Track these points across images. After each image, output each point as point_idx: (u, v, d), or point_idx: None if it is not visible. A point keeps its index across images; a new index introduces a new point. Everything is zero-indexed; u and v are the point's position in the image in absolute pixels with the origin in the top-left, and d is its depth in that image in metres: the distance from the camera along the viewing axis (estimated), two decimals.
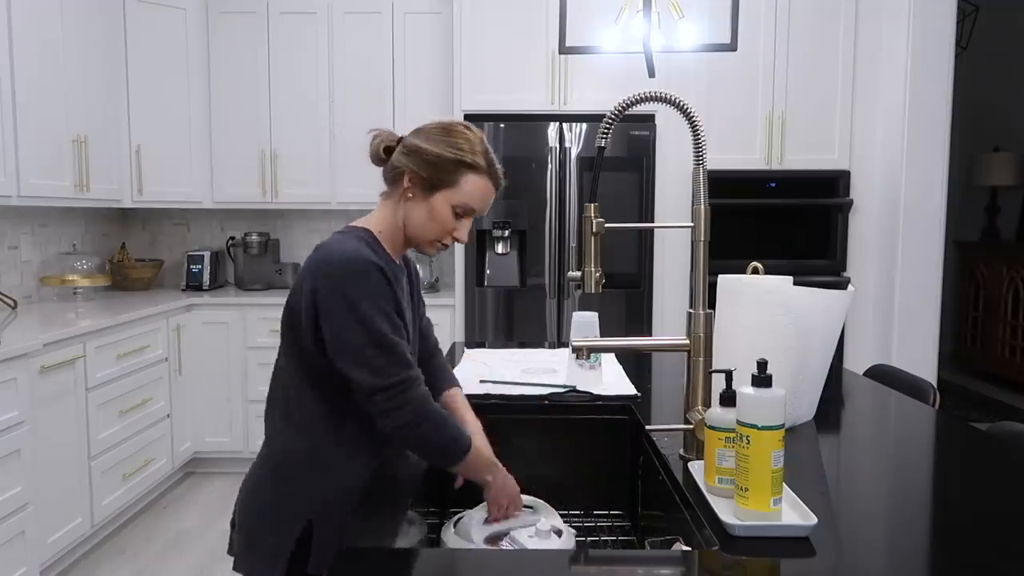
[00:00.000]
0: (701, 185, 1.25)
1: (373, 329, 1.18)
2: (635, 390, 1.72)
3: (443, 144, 1.26)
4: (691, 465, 1.20)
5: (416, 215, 1.29)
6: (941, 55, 3.43)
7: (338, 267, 1.19)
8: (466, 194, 1.27)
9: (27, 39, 2.85)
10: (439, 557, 1.01)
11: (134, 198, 3.66)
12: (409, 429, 1.19)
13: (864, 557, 0.93)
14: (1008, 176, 5.81)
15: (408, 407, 1.19)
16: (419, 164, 1.26)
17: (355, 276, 1.19)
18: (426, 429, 1.20)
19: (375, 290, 1.20)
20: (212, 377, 3.68)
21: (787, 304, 1.38)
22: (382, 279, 1.21)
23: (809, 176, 3.61)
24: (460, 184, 1.27)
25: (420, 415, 1.20)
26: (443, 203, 1.27)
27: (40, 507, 2.48)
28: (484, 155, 1.29)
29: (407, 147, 1.28)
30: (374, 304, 1.19)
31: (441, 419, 1.23)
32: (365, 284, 1.19)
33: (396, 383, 1.18)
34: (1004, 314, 5.45)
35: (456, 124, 1.31)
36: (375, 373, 1.18)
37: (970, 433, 1.48)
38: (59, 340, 2.60)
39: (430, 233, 1.29)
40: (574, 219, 3.54)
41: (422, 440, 1.21)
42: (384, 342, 1.19)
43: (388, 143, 1.31)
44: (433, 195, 1.27)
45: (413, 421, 1.19)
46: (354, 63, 3.86)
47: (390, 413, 1.19)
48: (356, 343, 1.18)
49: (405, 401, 1.19)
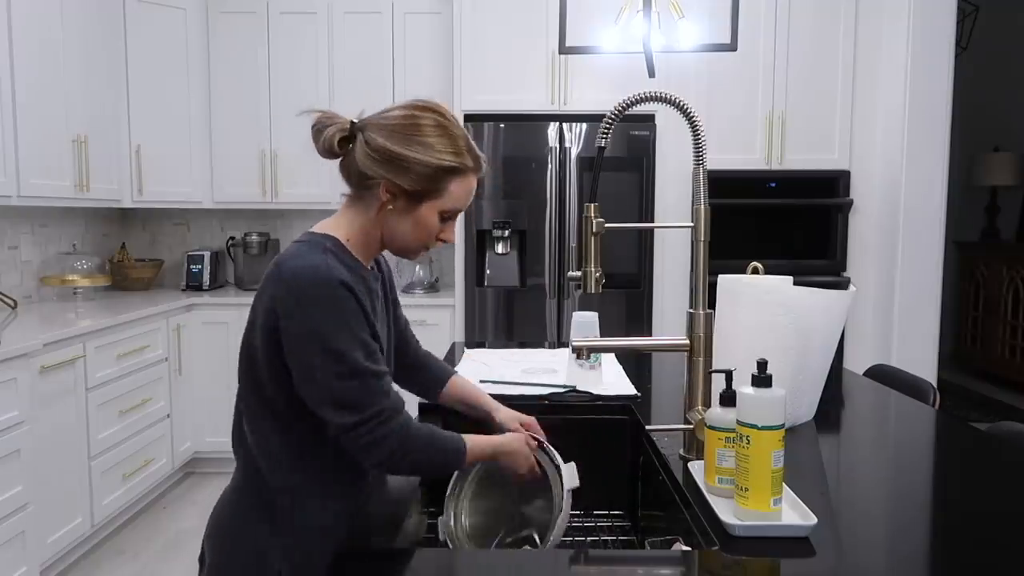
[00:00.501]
0: (701, 185, 1.25)
1: (346, 360, 1.05)
2: (635, 390, 1.72)
3: (421, 148, 1.10)
4: (691, 465, 1.20)
5: (400, 228, 1.15)
6: (941, 55, 3.43)
7: (304, 290, 1.05)
8: (455, 199, 1.14)
9: (27, 39, 2.85)
10: (439, 557, 1.01)
11: (134, 198, 3.66)
12: (399, 458, 1.10)
13: (864, 557, 0.93)
14: (1008, 176, 5.81)
15: (392, 438, 1.08)
16: (400, 176, 1.10)
17: (324, 302, 1.04)
18: (416, 454, 1.12)
19: (347, 316, 1.06)
20: (212, 377, 3.68)
21: (787, 304, 1.38)
22: (352, 300, 1.07)
23: (809, 176, 3.61)
24: (448, 191, 1.13)
25: (404, 442, 1.10)
26: (430, 212, 1.14)
27: (40, 507, 2.48)
28: (468, 151, 1.14)
29: (377, 151, 1.10)
30: (346, 331, 1.05)
31: (427, 437, 1.14)
32: (336, 310, 1.05)
33: (374, 415, 1.07)
34: (1004, 314, 5.45)
35: (423, 116, 1.13)
36: (351, 409, 1.06)
37: (970, 433, 1.48)
38: (59, 340, 2.60)
39: (416, 242, 1.17)
40: (574, 219, 3.54)
41: (416, 464, 1.14)
42: (359, 372, 1.06)
43: (341, 133, 1.13)
44: (418, 207, 1.13)
45: (400, 450, 1.09)
46: (354, 63, 3.86)
47: (370, 449, 1.08)
48: (327, 378, 1.05)
49: (387, 433, 1.08)
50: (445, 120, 1.14)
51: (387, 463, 1.11)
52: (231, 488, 1.20)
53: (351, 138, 1.14)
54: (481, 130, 3.53)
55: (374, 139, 1.11)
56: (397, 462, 1.11)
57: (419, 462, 1.14)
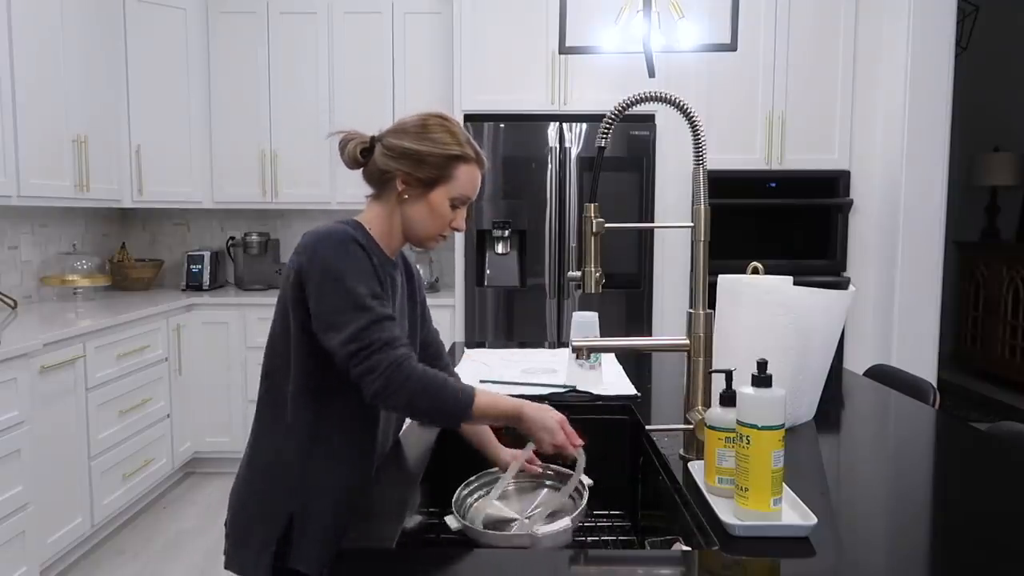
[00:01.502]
0: (701, 185, 1.25)
1: (352, 292, 1.18)
2: (635, 390, 1.72)
3: (429, 142, 1.29)
4: (691, 465, 1.20)
5: (416, 214, 1.31)
6: (941, 55, 3.43)
7: (321, 241, 1.22)
8: (461, 184, 1.31)
9: (27, 39, 2.85)
10: (439, 557, 1.01)
11: (134, 198, 3.66)
12: (396, 390, 1.15)
13: (864, 557, 0.93)
14: (1008, 176, 5.81)
15: (387, 368, 1.15)
16: (412, 165, 1.28)
17: (336, 246, 1.21)
18: (415, 391, 1.16)
19: (355, 259, 1.21)
20: (212, 377, 3.68)
21: (787, 304, 1.38)
22: (364, 256, 1.22)
23: (809, 176, 3.61)
24: (455, 176, 1.30)
25: (401, 376, 1.16)
26: (442, 198, 1.30)
27: (40, 507, 2.48)
28: (468, 143, 1.32)
29: (392, 150, 1.29)
30: (355, 273, 1.19)
31: (431, 377, 1.18)
32: (345, 252, 1.20)
33: (371, 343, 1.16)
34: (1004, 314, 5.45)
35: (430, 119, 1.32)
36: (351, 337, 1.16)
37: (970, 433, 1.48)
38: (59, 340, 2.60)
39: (432, 228, 1.33)
40: (574, 219, 3.54)
41: (415, 402, 1.17)
42: (362, 306, 1.18)
43: (363, 145, 1.32)
44: (431, 192, 1.30)
45: (396, 382, 1.15)
46: (354, 63, 3.86)
47: (366, 377, 1.16)
48: (334, 307, 1.18)
49: (381, 361, 1.15)
50: (447, 121, 1.33)
51: (384, 396, 1.16)
52: (246, 455, 1.34)
53: (371, 149, 1.33)
54: (481, 130, 3.53)
55: (390, 142, 1.31)
56: (394, 395, 1.16)
57: (418, 400, 1.17)
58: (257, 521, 1.28)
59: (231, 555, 1.32)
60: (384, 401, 1.17)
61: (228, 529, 1.34)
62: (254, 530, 1.28)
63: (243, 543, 1.30)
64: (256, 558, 1.27)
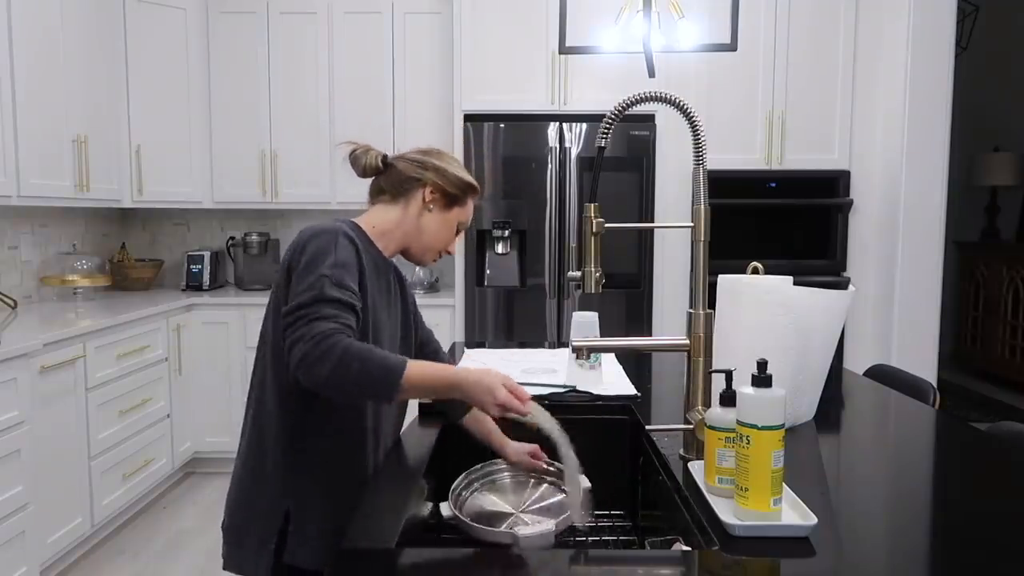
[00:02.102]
0: (701, 185, 1.25)
1: (313, 271, 1.19)
2: (635, 390, 1.72)
3: (458, 168, 1.41)
4: (691, 465, 1.20)
5: (432, 226, 1.39)
6: (941, 55, 3.43)
7: (312, 235, 1.25)
8: (467, 212, 1.43)
9: (27, 39, 2.85)
10: (439, 557, 1.01)
11: (134, 198, 3.66)
12: (317, 360, 1.11)
13: (864, 557, 0.93)
14: (1008, 176, 5.81)
15: (314, 336, 1.12)
16: (444, 180, 1.37)
17: (324, 238, 1.24)
18: (337, 356, 1.11)
19: (337, 251, 1.23)
20: (212, 377, 3.68)
21: (787, 304, 1.38)
22: (349, 248, 1.25)
23: (809, 176, 3.61)
24: (466, 204, 1.42)
25: (327, 344, 1.11)
26: (455, 219, 1.41)
27: (40, 507, 2.48)
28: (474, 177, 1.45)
29: (419, 163, 1.38)
30: (328, 258, 1.21)
31: (357, 347, 1.13)
32: (330, 244, 1.23)
33: (309, 311, 1.15)
34: (1004, 314, 5.45)
35: (443, 151, 1.44)
36: (291, 309, 1.17)
37: (970, 433, 1.48)
38: (59, 340, 2.60)
39: (440, 243, 1.41)
40: (574, 219, 3.54)
41: (336, 370, 1.10)
42: (320, 286, 1.17)
43: (382, 155, 1.39)
44: (451, 210, 1.40)
45: (320, 349, 1.11)
46: (354, 63, 3.85)
47: (293, 348, 1.13)
48: (294, 291, 1.19)
49: (310, 331, 1.12)
50: (455, 158, 1.45)
51: (306, 366, 1.11)
52: (241, 453, 1.34)
53: (387, 164, 1.40)
54: (481, 130, 3.53)
55: (417, 157, 1.39)
56: (317, 364, 1.11)
57: (341, 369, 1.10)
58: (253, 520, 1.29)
59: (229, 556, 1.32)
60: (307, 372, 1.11)
61: (225, 529, 1.34)
62: (251, 529, 1.29)
63: (240, 543, 1.30)
64: (255, 557, 1.27)
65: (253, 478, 1.31)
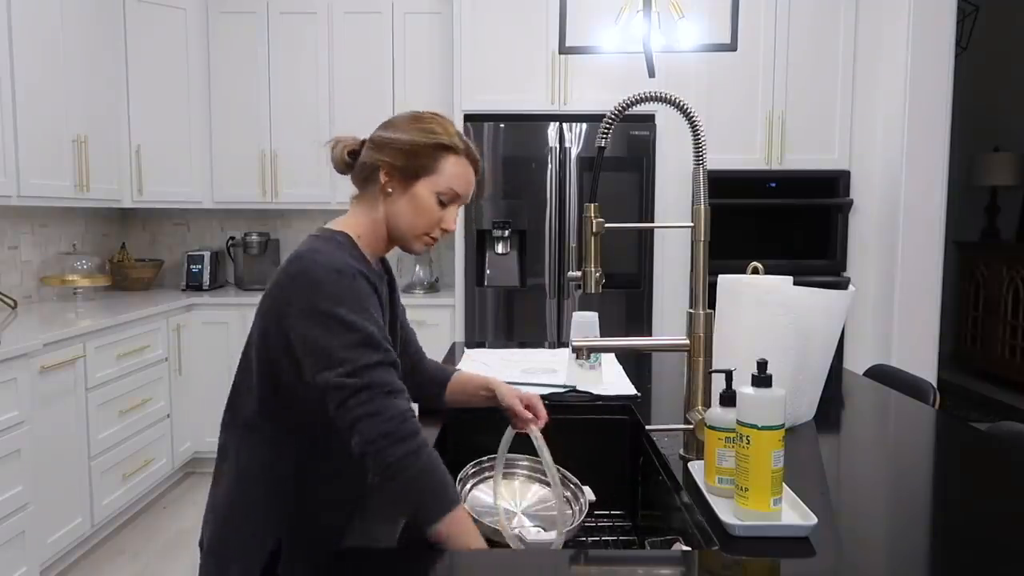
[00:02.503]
0: (701, 185, 1.25)
1: (358, 329, 1.06)
2: (635, 390, 1.72)
3: (415, 131, 1.19)
4: (691, 465, 1.20)
5: (400, 210, 1.20)
6: (941, 55, 3.43)
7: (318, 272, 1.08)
8: (448, 178, 1.19)
9: (27, 39, 2.85)
10: (439, 557, 1.01)
11: (134, 198, 3.66)
12: (382, 447, 1.01)
13: (864, 557, 0.93)
14: (1008, 176, 5.81)
15: (390, 417, 1.02)
16: (393, 155, 1.18)
17: (339, 279, 1.08)
18: (402, 455, 1.01)
19: (367, 301, 1.09)
20: (212, 377, 3.68)
21: (787, 304, 1.37)
22: (370, 290, 1.12)
23: (809, 176, 3.61)
24: (441, 168, 1.19)
25: (393, 427, 1.01)
26: (427, 192, 1.19)
27: (40, 507, 2.48)
28: (459, 136, 1.21)
29: (376, 141, 1.21)
30: (363, 312, 1.08)
31: (427, 454, 1.03)
32: (356, 296, 1.08)
33: (378, 384, 1.04)
34: (1004, 314, 5.45)
35: (423, 113, 1.23)
36: (349, 368, 1.04)
37: (970, 433, 1.48)
38: (59, 340, 2.60)
39: (418, 227, 1.21)
40: (574, 219, 3.54)
41: (395, 468, 1.01)
42: (372, 343, 1.06)
43: (351, 147, 1.24)
44: (414, 185, 1.19)
45: (385, 435, 1.01)
46: (354, 63, 3.86)
47: (364, 421, 1.02)
48: (334, 342, 1.05)
49: (385, 408, 1.02)
50: (441, 116, 1.24)
51: (381, 444, 1.01)
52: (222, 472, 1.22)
53: (358, 151, 1.25)
54: (481, 130, 3.53)
55: (377, 135, 1.23)
56: (392, 447, 1.01)
57: (410, 463, 1.02)
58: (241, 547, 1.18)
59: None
60: (382, 451, 1.01)
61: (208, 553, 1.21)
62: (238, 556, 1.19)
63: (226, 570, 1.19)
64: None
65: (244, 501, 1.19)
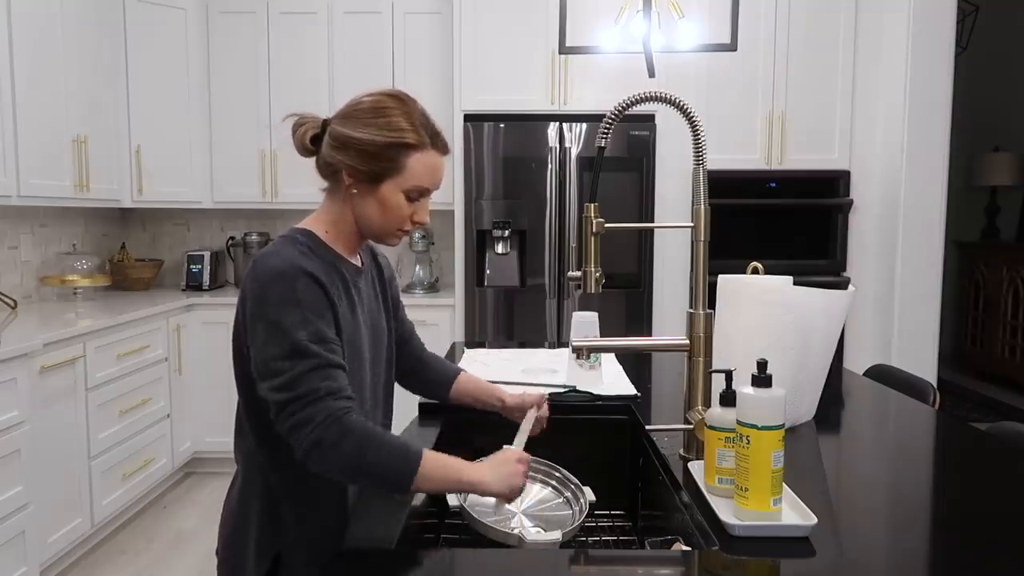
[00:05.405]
0: (701, 185, 1.25)
1: (290, 338, 1.04)
2: (635, 390, 1.72)
3: (376, 128, 1.13)
4: (691, 465, 1.20)
5: (367, 211, 1.17)
6: (941, 55, 3.43)
7: (269, 277, 1.07)
8: (415, 176, 1.15)
9: (27, 39, 2.85)
10: (439, 557, 1.01)
11: (134, 198, 3.66)
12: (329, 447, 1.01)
13: (864, 557, 0.93)
14: (1008, 176, 5.81)
15: (322, 421, 1.01)
16: (355, 158, 1.14)
17: (284, 289, 1.06)
18: (351, 447, 1.01)
19: (304, 303, 1.07)
20: (212, 377, 3.68)
21: (787, 304, 1.37)
22: (316, 289, 1.09)
23: (809, 176, 3.61)
24: (405, 167, 1.14)
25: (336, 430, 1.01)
26: (393, 192, 1.15)
27: (40, 507, 2.48)
28: (424, 127, 1.16)
29: (336, 139, 1.15)
30: (297, 315, 1.06)
31: (372, 432, 1.04)
32: (293, 296, 1.06)
33: (306, 393, 1.03)
34: (1004, 314, 5.45)
35: (385, 100, 1.16)
36: (286, 387, 1.03)
37: (970, 433, 1.48)
38: (59, 340, 2.60)
39: (388, 225, 1.18)
40: (574, 219, 3.54)
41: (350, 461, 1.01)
42: (300, 351, 1.04)
43: (313, 130, 1.19)
44: (379, 187, 1.15)
45: (330, 438, 1.01)
46: (354, 63, 3.85)
47: (297, 431, 1.02)
48: (269, 354, 1.05)
49: (315, 415, 1.02)
50: (403, 103, 1.17)
51: (317, 455, 1.02)
52: (235, 484, 1.24)
53: (322, 135, 1.19)
54: (481, 130, 3.53)
55: (336, 130, 1.16)
56: (327, 453, 1.01)
57: (353, 459, 1.02)
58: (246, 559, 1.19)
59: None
60: (318, 461, 1.02)
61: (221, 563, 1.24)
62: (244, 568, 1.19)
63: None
64: None
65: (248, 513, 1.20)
